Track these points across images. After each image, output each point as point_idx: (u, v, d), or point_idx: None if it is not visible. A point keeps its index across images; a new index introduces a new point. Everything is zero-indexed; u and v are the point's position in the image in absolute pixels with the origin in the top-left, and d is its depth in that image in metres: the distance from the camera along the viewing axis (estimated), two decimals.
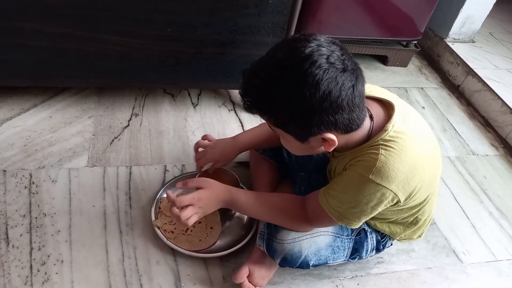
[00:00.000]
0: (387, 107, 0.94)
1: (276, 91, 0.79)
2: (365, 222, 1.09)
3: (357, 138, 0.89)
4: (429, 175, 0.91)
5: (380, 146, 0.86)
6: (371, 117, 0.90)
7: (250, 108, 0.84)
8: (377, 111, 0.93)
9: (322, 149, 0.89)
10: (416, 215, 1.04)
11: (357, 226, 0.94)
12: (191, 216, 0.98)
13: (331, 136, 0.83)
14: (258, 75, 0.81)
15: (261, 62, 0.82)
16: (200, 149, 1.25)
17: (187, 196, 0.98)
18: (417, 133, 0.92)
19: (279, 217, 1.03)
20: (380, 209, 0.89)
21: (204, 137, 1.28)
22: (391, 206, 0.90)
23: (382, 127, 0.89)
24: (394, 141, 0.86)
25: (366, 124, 0.89)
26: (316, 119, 0.79)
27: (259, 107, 0.84)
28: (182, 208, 0.97)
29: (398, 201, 0.88)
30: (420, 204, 0.99)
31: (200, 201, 0.99)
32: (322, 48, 0.77)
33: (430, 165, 0.92)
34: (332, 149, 0.87)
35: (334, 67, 0.76)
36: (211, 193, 1.01)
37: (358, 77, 0.80)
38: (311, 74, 0.75)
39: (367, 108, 0.90)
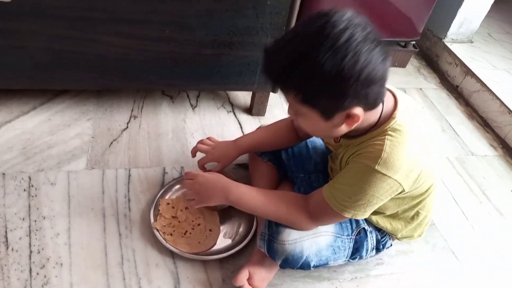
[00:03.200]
0: (392, 95, 0.94)
1: (314, 61, 0.74)
2: (366, 220, 1.10)
3: (370, 121, 0.89)
4: (428, 163, 0.93)
5: (387, 136, 0.87)
6: (382, 103, 0.90)
7: (281, 81, 0.81)
8: (388, 97, 0.92)
9: (342, 129, 0.86)
10: (417, 208, 1.05)
11: (362, 218, 0.94)
12: (192, 199, 1.08)
13: (358, 111, 0.81)
14: (294, 44, 0.77)
15: (292, 34, 0.79)
16: (203, 147, 1.27)
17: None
18: (416, 121, 0.93)
19: (282, 211, 1.02)
20: (385, 200, 0.91)
21: (208, 138, 1.30)
22: (396, 195, 0.91)
23: (390, 115, 0.90)
24: (399, 130, 0.88)
25: (378, 109, 0.89)
26: (351, 91, 0.77)
27: (293, 79, 0.79)
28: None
29: (403, 190, 0.90)
30: (421, 195, 1.00)
31: (200, 185, 1.07)
32: (355, 19, 0.77)
33: (428, 153, 0.94)
34: (354, 126, 0.85)
35: (369, 38, 0.76)
36: (212, 180, 1.08)
37: (387, 54, 0.79)
38: (351, 45, 0.73)
39: None
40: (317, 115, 0.84)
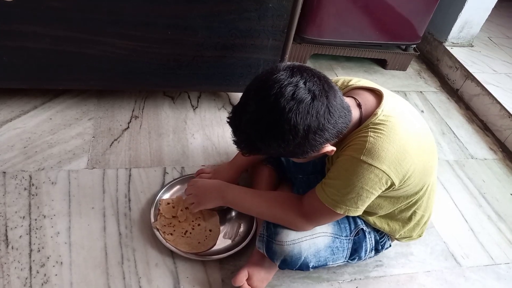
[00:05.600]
0: (378, 95, 0.98)
1: (262, 144, 0.85)
2: (364, 221, 1.11)
3: (349, 129, 0.93)
4: (421, 161, 0.94)
5: (370, 129, 0.90)
6: (359, 105, 0.95)
7: (247, 154, 0.92)
8: (367, 98, 0.97)
9: (322, 154, 0.93)
10: (413, 208, 1.06)
11: (355, 214, 0.95)
12: (193, 203, 1.16)
13: (328, 148, 0.89)
14: (241, 131, 0.87)
15: (239, 116, 0.86)
16: None
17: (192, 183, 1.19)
18: (407, 119, 0.95)
19: (275, 210, 1.05)
20: (376, 193, 0.91)
21: (201, 171, 1.35)
22: (386, 189, 0.92)
23: (372, 112, 0.93)
24: (383, 124, 0.90)
25: (355, 114, 0.93)
26: (307, 148, 0.85)
27: (253, 153, 0.91)
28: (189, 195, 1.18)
29: (393, 184, 0.90)
30: (416, 193, 1.01)
31: (199, 189, 1.16)
32: (285, 89, 0.80)
33: (422, 151, 0.95)
34: (333, 152, 0.91)
35: (302, 102, 0.80)
36: (209, 183, 1.17)
37: (328, 94, 0.83)
38: (285, 121, 0.79)
39: (354, 97, 0.96)
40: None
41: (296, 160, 1.01)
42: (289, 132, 0.80)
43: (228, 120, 0.89)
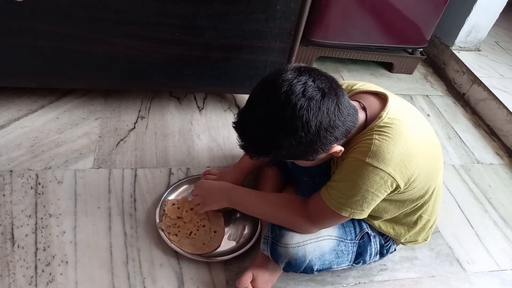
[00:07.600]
0: (383, 99, 0.98)
1: (273, 144, 0.83)
2: (369, 224, 1.11)
3: (354, 132, 0.93)
4: (427, 163, 0.94)
5: (375, 132, 0.90)
6: (364, 108, 0.95)
7: (255, 157, 0.91)
8: (372, 102, 0.97)
9: (330, 156, 0.93)
10: (419, 212, 1.05)
11: (360, 217, 0.94)
12: (198, 203, 1.18)
13: (336, 148, 0.89)
14: (250, 132, 0.86)
15: (247, 118, 0.86)
16: None
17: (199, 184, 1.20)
18: (412, 122, 0.95)
19: (280, 212, 1.05)
20: (381, 196, 0.91)
21: (207, 172, 1.34)
22: (391, 192, 0.91)
23: (377, 115, 0.93)
24: (388, 126, 0.90)
25: (361, 116, 0.93)
26: (318, 146, 0.85)
27: (262, 156, 0.90)
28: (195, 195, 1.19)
29: (398, 186, 0.90)
30: (421, 197, 1.00)
31: (205, 190, 1.17)
32: (295, 87, 0.80)
33: (427, 154, 0.95)
34: (341, 153, 0.91)
35: (313, 99, 0.80)
36: (215, 185, 1.18)
37: (337, 92, 0.84)
38: (297, 118, 0.79)
39: (359, 101, 0.97)
40: (299, 160, 0.97)
41: (304, 163, 1.00)
42: (301, 129, 0.80)
43: (235, 125, 0.89)
